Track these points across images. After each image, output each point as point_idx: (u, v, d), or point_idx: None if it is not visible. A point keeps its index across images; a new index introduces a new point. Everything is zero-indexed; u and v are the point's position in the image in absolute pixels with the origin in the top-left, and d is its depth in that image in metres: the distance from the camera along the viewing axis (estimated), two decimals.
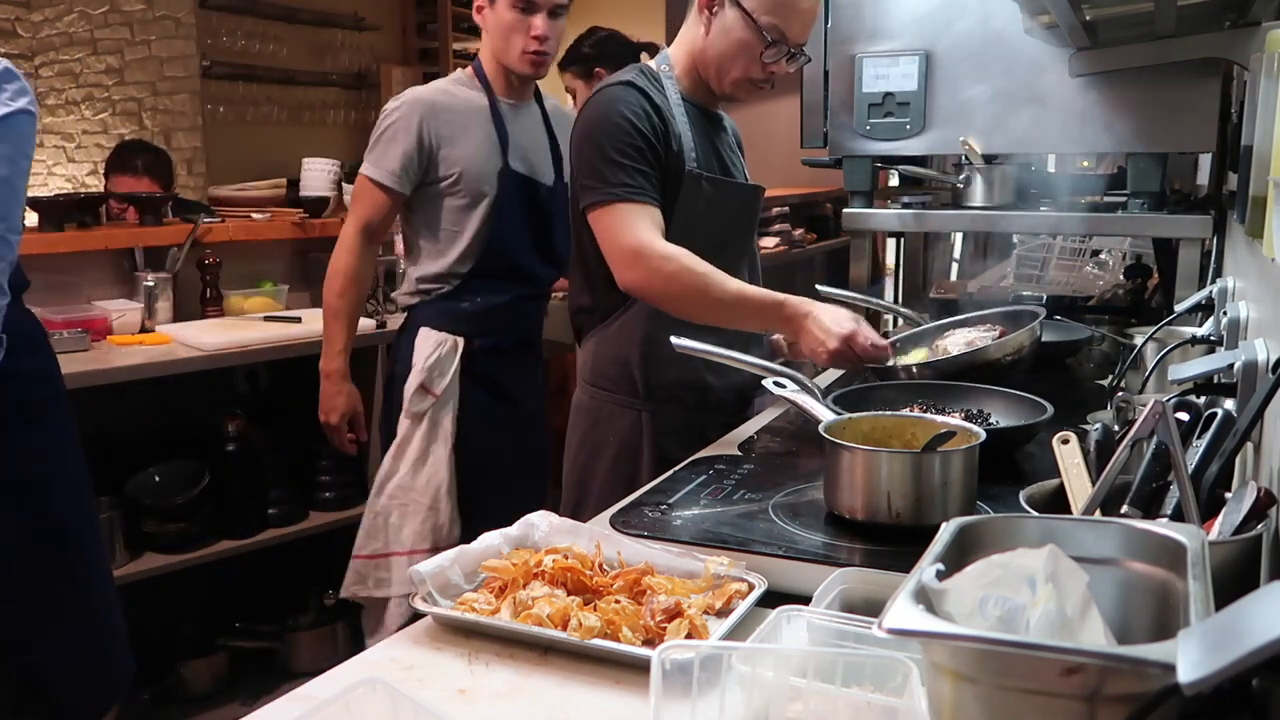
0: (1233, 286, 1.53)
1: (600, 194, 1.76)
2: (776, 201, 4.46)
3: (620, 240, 1.75)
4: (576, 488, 1.96)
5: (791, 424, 1.80)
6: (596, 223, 1.79)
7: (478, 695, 0.95)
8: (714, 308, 1.76)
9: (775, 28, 1.79)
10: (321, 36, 5.14)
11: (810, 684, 0.81)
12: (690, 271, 1.73)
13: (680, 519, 1.30)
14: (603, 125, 1.78)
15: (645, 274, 1.74)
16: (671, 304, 1.77)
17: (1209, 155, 2.29)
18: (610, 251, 1.78)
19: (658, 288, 1.76)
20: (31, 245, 2.76)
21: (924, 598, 0.68)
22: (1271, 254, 1.05)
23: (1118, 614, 0.76)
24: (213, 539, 2.76)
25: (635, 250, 1.74)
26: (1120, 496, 0.98)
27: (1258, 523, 0.88)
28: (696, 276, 1.73)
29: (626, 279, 1.77)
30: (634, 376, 1.90)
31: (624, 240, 1.75)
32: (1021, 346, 1.85)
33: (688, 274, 1.73)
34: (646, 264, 1.74)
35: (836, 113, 2.27)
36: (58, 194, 4.41)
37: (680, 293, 1.75)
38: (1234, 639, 0.52)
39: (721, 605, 1.06)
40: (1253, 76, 1.42)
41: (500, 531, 1.20)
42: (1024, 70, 2.09)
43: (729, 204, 1.92)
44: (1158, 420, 0.95)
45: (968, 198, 2.29)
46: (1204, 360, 1.20)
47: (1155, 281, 2.87)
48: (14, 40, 4.79)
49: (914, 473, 1.22)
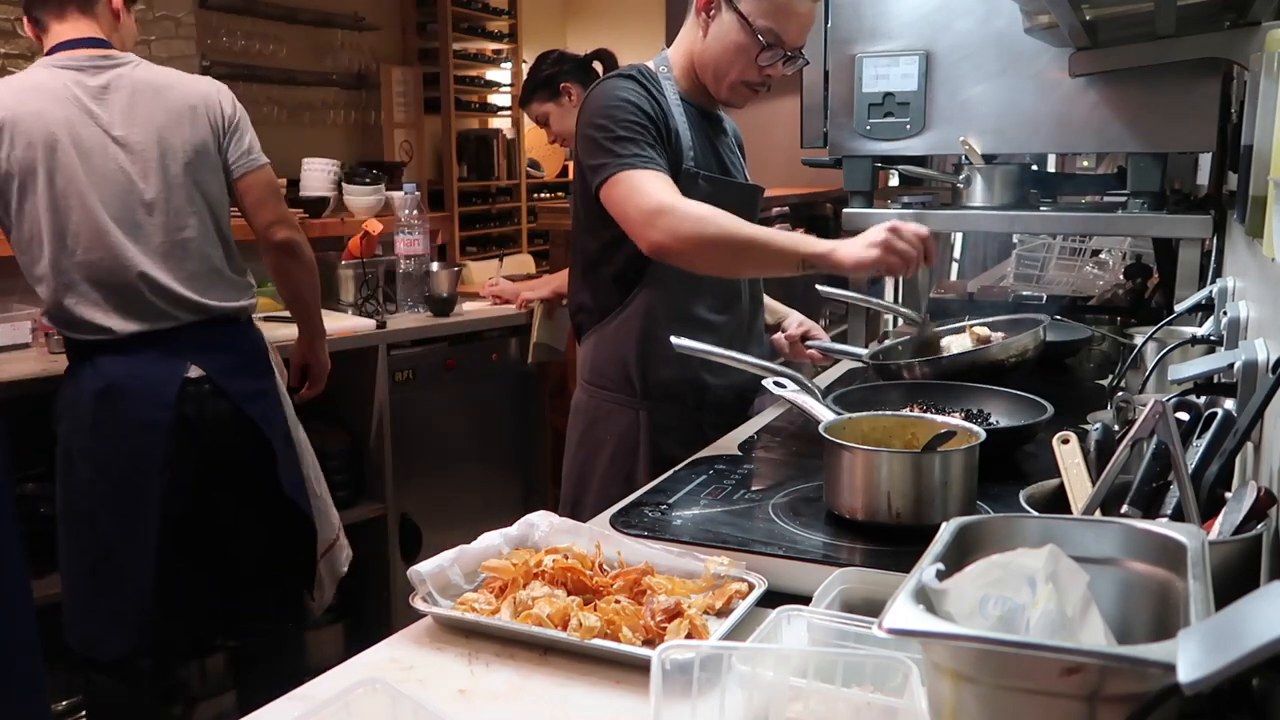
0: (1233, 286, 1.53)
1: (612, 168, 1.73)
2: (776, 201, 4.46)
3: (639, 201, 1.70)
4: (575, 486, 1.96)
5: (791, 424, 1.80)
6: (610, 194, 1.73)
7: (478, 695, 0.95)
8: (742, 251, 1.70)
9: (771, 31, 1.79)
10: (321, 36, 5.13)
11: (810, 684, 0.81)
12: (714, 218, 1.67)
13: (680, 519, 1.30)
14: (606, 108, 1.77)
15: (670, 229, 1.67)
16: (700, 255, 1.70)
17: (1209, 155, 2.28)
18: (632, 216, 1.71)
19: (685, 238, 1.67)
20: None
21: (924, 598, 0.68)
22: (1271, 254, 1.05)
23: (1118, 614, 0.76)
24: None
25: (657, 208, 1.68)
26: (1120, 496, 0.98)
27: (1258, 523, 0.88)
28: (721, 222, 1.67)
29: (653, 239, 1.69)
30: (632, 375, 1.90)
31: (643, 201, 1.70)
32: (1025, 349, 1.85)
33: (711, 221, 1.67)
34: (670, 217, 1.67)
35: (836, 113, 2.27)
36: None
37: (709, 240, 1.67)
38: (1234, 639, 0.52)
39: (721, 605, 1.06)
40: (1253, 76, 1.42)
41: (500, 531, 1.20)
42: (1024, 70, 2.09)
43: (727, 203, 1.92)
44: (1158, 420, 0.95)
45: (968, 198, 2.29)
46: (1204, 360, 1.20)
47: (1155, 281, 2.87)
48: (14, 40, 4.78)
49: (914, 473, 1.22)
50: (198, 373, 2.21)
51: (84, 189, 2.10)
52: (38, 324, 2.66)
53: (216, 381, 2.23)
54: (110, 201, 2.12)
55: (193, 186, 2.21)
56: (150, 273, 2.14)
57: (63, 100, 2.10)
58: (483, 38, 6.42)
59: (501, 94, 6.69)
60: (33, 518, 2.50)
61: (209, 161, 2.25)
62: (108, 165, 2.13)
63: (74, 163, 2.10)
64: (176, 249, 2.19)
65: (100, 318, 2.12)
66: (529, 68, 3.30)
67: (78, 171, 2.10)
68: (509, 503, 3.45)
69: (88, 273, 2.11)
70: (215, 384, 2.23)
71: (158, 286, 2.15)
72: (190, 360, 2.20)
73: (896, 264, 1.63)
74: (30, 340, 2.65)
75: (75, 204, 2.10)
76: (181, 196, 2.20)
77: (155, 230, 2.17)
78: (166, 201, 2.18)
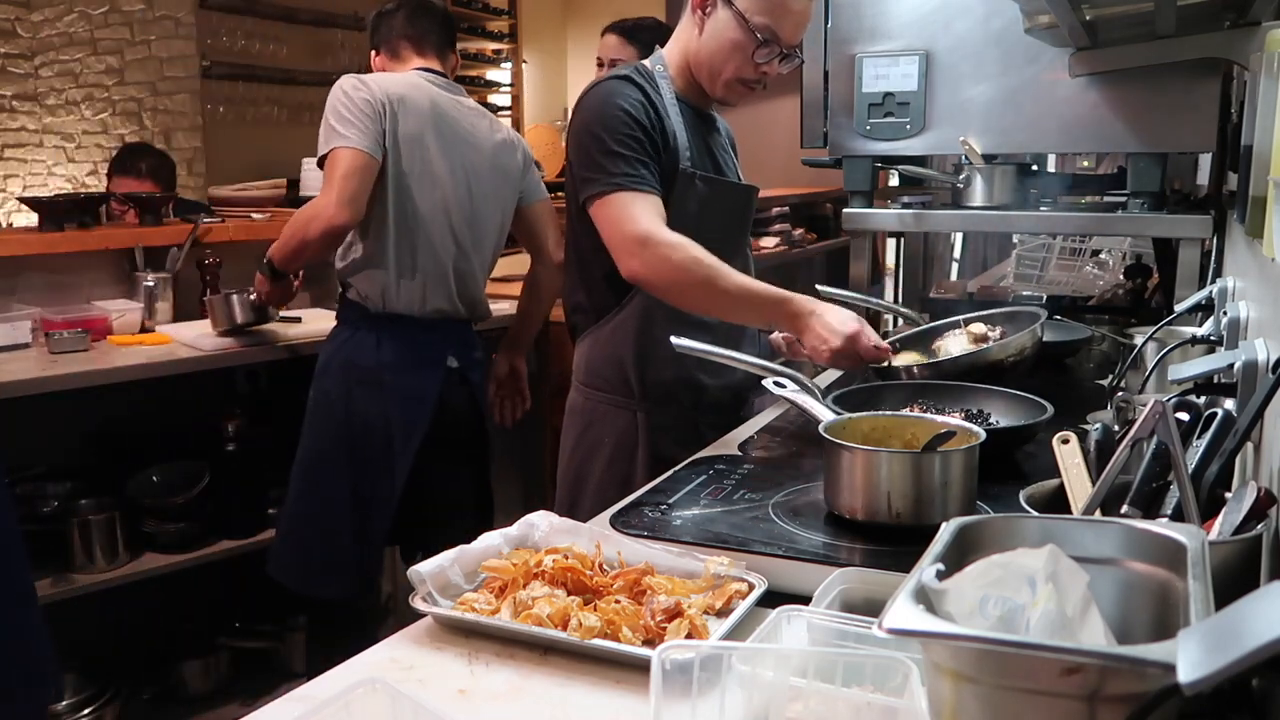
0: (1233, 286, 1.53)
1: (602, 184, 1.75)
2: (776, 201, 4.45)
3: (624, 228, 1.73)
4: (572, 488, 1.96)
5: (791, 424, 1.80)
6: (599, 213, 1.76)
7: (478, 695, 0.95)
8: (718, 299, 1.73)
9: (767, 28, 1.79)
10: (321, 36, 5.14)
11: (810, 684, 0.81)
12: (696, 261, 1.70)
13: (680, 519, 1.30)
14: (601, 118, 1.77)
15: (651, 262, 1.71)
16: (676, 293, 1.75)
17: (1209, 155, 2.28)
18: (614, 241, 1.75)
19: (664, 276, 1.72)
20: (31, 245, 2.77)
21: (924, 598, 0.68)
22: (1271, 254, 1.05)
23: (1118, 614, 0.75)
24: (213, 539, 2.76)
25: (641, 238, 1.71)
26: (1120, 496, 0.98)
27: (1258, 523, 0.88)
28: (703, 267, 1.71)
29: (632, 267, 1.73)
30: (629, 376, 1.90)
31: (628, 228, 1.72)
32: (1024, 348, 1.85)
33: (694, 263, 1.70)
34: (653, 252, 1.70)
35: (836, 113, 2.27)
36: (58, 194, 4.41)
37: (687, 282, 1.72)
38: (1234, 639, 0.52)
39: (721, 605, 1.06)
40: (1253, 76, 1.42)
41: (500, 531, 1.20)
42: (1024, 70, 2.09)
43: (722, 203, 1.92)
44: (1158, 420, 0.95)
45: (968, 198, 2.29)
46: (1204, 360, 1.20)
47: (1155, 281, 2.87)
48: (14, 40, 4.79)
49: (914, 473, 1.22)
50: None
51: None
52: (37, 324, 2.66)
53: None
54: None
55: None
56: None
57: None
58: (483, 38, 6.42)
59: (501, 94, 6.68)
60: (33, 518, 2.51)
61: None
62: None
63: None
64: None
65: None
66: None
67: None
68: (509, 503, 3.45)
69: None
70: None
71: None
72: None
73: (845, 367, 1.78)
74: (30, 340, 2.65)
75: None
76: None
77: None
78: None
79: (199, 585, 2.86)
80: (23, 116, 4.85)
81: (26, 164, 4.91)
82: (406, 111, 2.36)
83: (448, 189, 2.43)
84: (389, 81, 2.38)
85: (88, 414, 2.73)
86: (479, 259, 2.55)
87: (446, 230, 2.44)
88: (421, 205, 2.40)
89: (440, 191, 2.42)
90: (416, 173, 2.39)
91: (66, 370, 2.43)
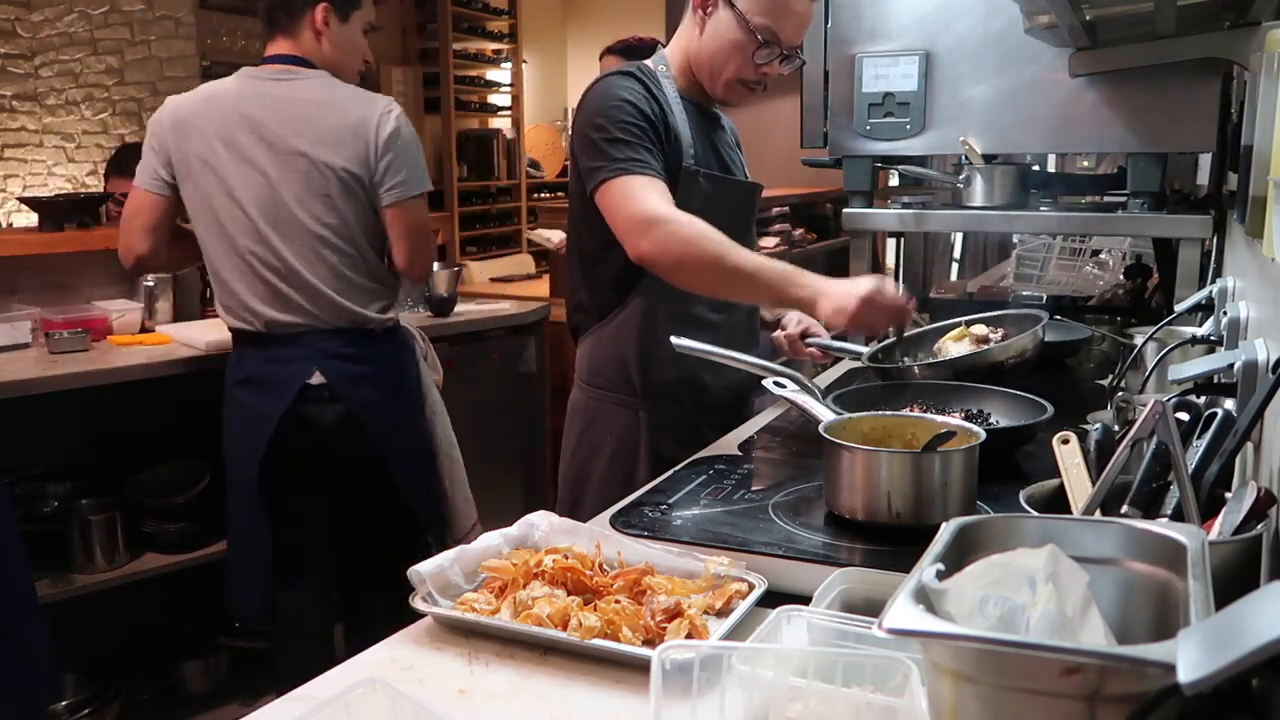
0: (1233, 286, 1.53)
1: (607, 170, 1.73)
2: (776, 201, 4.46)
3: (632, 209, 1.71)
4: (574, 486, 1.96)
5: (791, 424, 1.80)
6: (605, 199, 1.74)
7: (478, 695, 0.95)
8: (728, 277, 1.70)
9: (768, 29, 1.79)
10: None
11: (810, 684, 0.81)
12: (705, 236, 1.68)
13: (680, 519, 1.30)
14: (604, 107, 1.77)
15: (660, 240, 1.68)
16: (685, 273, 1.72)
17: (1209, 155, 2.29)
18: (622, 223, 1.72)
19: (673, 253, 1.69)
20: (31, 245, 2.77)
21: (924, 598, 0.68)
22: (1271, 254, 1.05)
23: (1118, 614, 0.76)
24: (213, 539, 2.76)
25: (649, 217, 1.69)
26: (1120, 496, 0.98)
27: (1258, 523, 0.88)
28: (711, 242, 1.68)
29: (641, 247, 1.70)
30: (631, 375, 1.90)
31: (635, 209, 1.70)
32: (1025, 350, 1.85)
33: (703, 239, 1.67)
34: (661, 230, 1.68)
35: (836, 113, 2.27)
36: (58, 194, 4.42)
37: (696, 257, 1.68)
38: (1234, 639, 0.52)
39: (721, 605, 1.06)
40: (1253, 76, 1.42)
41: (500, 531, 1.20)
42: (1024, 71, 2.09)
43: (727, 201, 1.92)
44: (1158, 420, 0.95)
45: (968, 198, 2.29)
46: (1204, 360, 1.20)
47: (1155, 281, 2.87)
48: (14, 40, 4.79)
49: (914, 473, 1.22)
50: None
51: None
52: (37, 324, 2.66)
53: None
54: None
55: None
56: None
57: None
58: (483, 38, 6.42)
59: (501, 94, 6.69)
60: (33, 518, 2.51)
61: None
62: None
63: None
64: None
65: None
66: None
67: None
68: (509, 503, 3.45)
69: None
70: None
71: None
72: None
73: (870, 325, 1.72)
74: (30, 340, 2.65)
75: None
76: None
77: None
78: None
79: (199, 585, 2.85)
80: (23, 116, 4.86)
81: (26, 164, 4.91)
82: (187, 134, 2.29)
83: (249, 194, 2.26)
84: (182, 103, 2.35)
85: (88, 414, 2.73)
86: (303, 261, 2.28)
87: (254, 237, 2.27)
88: (223, 217, 2.28)
89: (242, 197, 2.26)
90: (214, 190, 2.28)
91: (66, 370, 2.43)
